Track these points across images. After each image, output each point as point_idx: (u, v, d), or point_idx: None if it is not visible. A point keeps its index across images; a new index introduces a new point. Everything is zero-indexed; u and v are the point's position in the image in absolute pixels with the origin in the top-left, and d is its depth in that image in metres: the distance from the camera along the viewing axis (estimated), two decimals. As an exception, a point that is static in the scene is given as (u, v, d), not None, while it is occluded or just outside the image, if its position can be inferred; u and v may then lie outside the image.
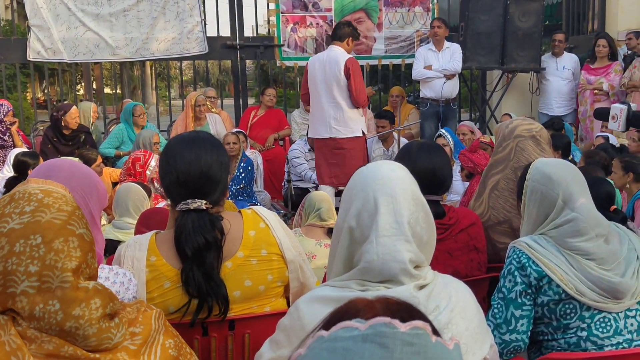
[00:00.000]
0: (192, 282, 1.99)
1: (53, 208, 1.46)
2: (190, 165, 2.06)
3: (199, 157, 2.08)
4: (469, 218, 2.71)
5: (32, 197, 1.47)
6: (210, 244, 2.01)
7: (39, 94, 20.21)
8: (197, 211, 2.03)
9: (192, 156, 2.08)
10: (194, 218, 2.02)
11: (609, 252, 2.20)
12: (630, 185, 4.54)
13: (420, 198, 1.65)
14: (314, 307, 1.56)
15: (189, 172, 2.06)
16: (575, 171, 2.32)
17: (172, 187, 2.08)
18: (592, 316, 2.17)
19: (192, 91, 8.82)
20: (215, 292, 2.01)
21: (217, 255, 2.03)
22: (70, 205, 1.50)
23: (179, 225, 2.02)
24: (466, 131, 7.07)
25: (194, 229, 2.00)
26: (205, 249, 2.00)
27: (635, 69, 7.65)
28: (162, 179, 2.13)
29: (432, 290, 1.57)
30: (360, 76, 6.17)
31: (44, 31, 8.25)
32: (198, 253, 1.99)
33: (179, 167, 2.06)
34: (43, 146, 6.98)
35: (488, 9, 8.25)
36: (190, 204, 2.03)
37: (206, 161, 2.08)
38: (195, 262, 2.00)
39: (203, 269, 2.00)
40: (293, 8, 8.85)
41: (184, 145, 2.12)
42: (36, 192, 1.48)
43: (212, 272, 2.01)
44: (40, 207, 1.45)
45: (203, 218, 2.02)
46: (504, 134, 3.11)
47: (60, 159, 2.38)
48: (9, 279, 1.39)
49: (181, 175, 2.05)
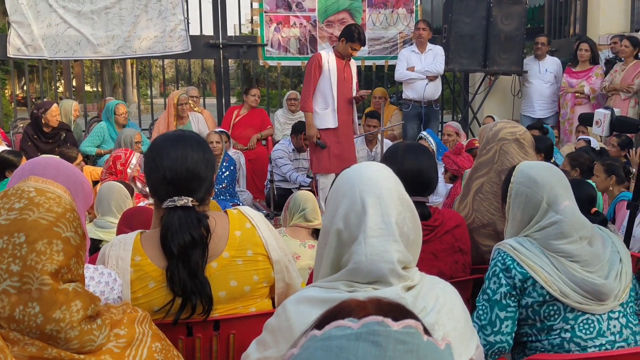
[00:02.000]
0: (177, 280, 1.98)
1: (42, 208, 1.43)
2: (177, 162, 2.05)
3: (185, 154, 2.07)
4: (454, 220, 2.72)
5: (24, 195, 1.45)
6: (197, 242, 2.00)
7: (18, 90, 19.99)
8: (183, 208, 2.02)
9: (179, 153, 2.07)
10: (180, 215, 2.01)
11: (592, 254, 2.21)
12: (613, 188, 4.59)
13: (406, 198, 1.65)
14: (301, 308, 1.56)
15: (175, 169, 2.04)
16: (559, 174, 2.33)
17: (158, 184, 2.06)
18: (575, 318, 2.19)
19: (173, 90, 8.78)
20: (200, 291, 2.00)
21: (203, 253, 2.02)
22: (62, 206, 1.48)
23: (166, 222, 2.01)
24: (451, 132, 7.11)
25: (181, 226, 1.99)
26: (191, 246, 1.99)
27: (616, 73, 7.74)
28: (148, 177, 2.11)
29: (419, 291, 1.57)
30: (306, 78, 6.38)
31: (24, 28, 8.17)
32: (184, 250, 1.98)
33: (165, 164, 2.05)
34: (23, 144, 6.91)
35: (471, 12, 8.29)
36: (177, 201, 2.01)
37: (192, 158, 2.07)
38: (181, 260, 1.99)
39: (188, 267, 1.99)
40: (276, 8, 8.84)
41: (169, 143, 2.11)
42: (29, 190, 1.46)
43: (197, 271, 2.00)
44: (29, 205, 1.43)
45: (190, 215, 2.01)
46: (487, 137, 3.13)
47: (46, 156, 2.34)
48: None
49: (168, 172, 2.04)
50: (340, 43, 6.34)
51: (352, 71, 6.48)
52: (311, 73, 6.30)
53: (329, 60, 6.29)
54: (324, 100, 6.31)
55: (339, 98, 6.29)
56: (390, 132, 8.16)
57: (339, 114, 6.29)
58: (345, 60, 6.37)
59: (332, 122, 6.31)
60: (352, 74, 6.48)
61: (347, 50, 6.27)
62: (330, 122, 6.31)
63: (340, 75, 6.31)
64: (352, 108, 6.50)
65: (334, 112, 6.29)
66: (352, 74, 6.46)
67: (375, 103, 8.43)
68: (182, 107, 7.50)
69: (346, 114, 6.40)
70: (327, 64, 6.27)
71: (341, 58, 6.34)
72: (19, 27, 8.16)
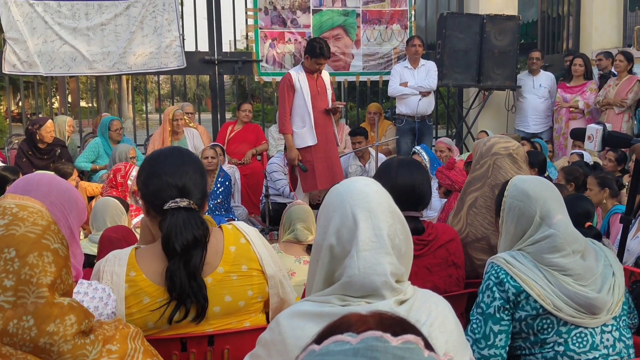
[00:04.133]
0: (178, 280, 2.00)
1: (28, 222, 1.44)
2: (177, 167, 2.11)
3: (182, 161, 2.14)
4: (447, 234, 2.73)
5: (7, 211, 1.45)
6: (199, 241, 2.03)
7: (13, 106, 20.00)
8: (186, 210, 2.05)
9: (176, 160, 2.14)
10: (184, 215, 2.04)
11: (585, 268, 2.22)
12: (606, 201, 4.61)
13: (396, 210, 1.66)
14: (294, 322, 1.56)
15: (175, 173, 2.10)
16: (552, 188, 2.34)
17: (160, 190, 2.09)
18: (569, 331, 2.19)
19: (169, 105, 8.79)
20: (196, 293, 2.02)
21: (202, 255, 2.05)
22: (46, 219, 1.49)
23: (170, 223, 2.03)
24: (444, 148, 7.12)
25: (185, 226, 2.02)
26: (193, 246, 2.02)
27: (610, 88, 7.79)
28: (146, 184, 2.12)
29: (412, 305, 1.57)
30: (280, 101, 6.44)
31: (19, 44, 8.19)
32: (187, 250, 2.01)
33: (166, 169, 2.10)
34: (18, 160, 6.90)
35: (465, 27, 8.36)
36: (180, 202, 2.05)
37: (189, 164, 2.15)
38: (182, 260, 2.01)
39: (188, 269, 2.01)
40: (271, 24, 8.89)
41: (167, 153, 2.20)
42: (11, 207, 1.47)
43: (196, 272, 2.02)
44: (14, 220, 1.43)
45: (193, 216, 2.05)
46: (481, 152, 3.14)
47: (39, 173, 2.34)
48: None
49: (169, 177, 2.09)
50: (305, 60, 6.33)
51: (325, 83, 6.44)
52: (285, 94, 6.28)
53: (299, 78, 6.27)
54: (301, 119, 6.29)
55: (315, 113, 6.27)
56: (385, 147, 8.19)
57: (317, 129, 6.26)
58: (316, 74, 6.35)
59: (311, 139, 6.29)
60: (326, 86, 6.44)
61: (314, 66, 6.25)
62: (309, 139, 6.29)
63: (314, 90, 6.29)
64: (330, 121, 6.47)
65: (311, 129, 6.26)
66: (325, 86, 6.43)
67: (370, 118, 8.46)
68: (177, 122, 7.51)
69: (325, 128, 6.38)
70: (298, 82, 6.25)
71: (311, 73, 6.33)
72: (15, 43, 8.18)
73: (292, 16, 8.90)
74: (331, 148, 6.45)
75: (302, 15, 8.93)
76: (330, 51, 6.42)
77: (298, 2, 8.90)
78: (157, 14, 8.48)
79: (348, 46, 9.07)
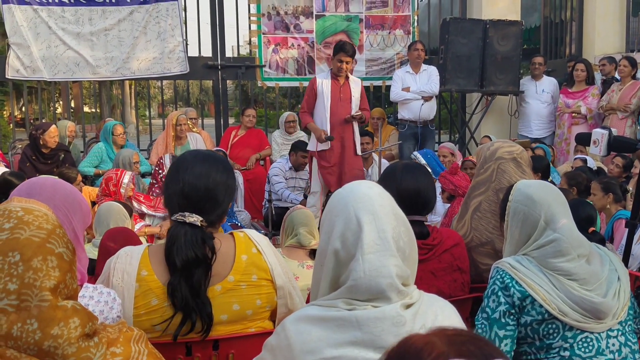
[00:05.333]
0: (179, 295, 1.98)
1: (32, 226, 1.44)
2: (198, 178, 2.06)
3: (209, 174, 2.08)
4: (452, 239, 2.72)
5: (12, 215, 1.45)
6: (200, 261, 1.99)
7: (17, 112, 20.03)
8: (191, 225, 2.02)
9: (202, 171, 2.07)
10: (187, 231, 2.01)
11: (590, 272, 2.21)
12: (610, 206, 4.60)
13: (399, 212, 1.66)
14: (300, 327, 1.56)
15: (194, 184, 2.05)
16: (556, 192, 2.34)
17: (174, 196, 2.06)
18: (574, 336, 2.18)
19: (172, 110, 8.80)
20: (200, 310, 2.00)
21: (206, 273, 2.01)
22: (51, 223, 1.48)
23: (172, 235, 2.01)
24: (446, 153, 7.12)
25: (186, 243, 1.99)
26: (194, 264, 1.98)
27: (613, 93, 7.79)
28: (167, 186, 2.10)
29: (418, 309, 1.57)
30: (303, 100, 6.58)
31: (23, 49, 8.21)
32: (187, 266, 1.98)
33: (187, 178, 2.06)
34: (22, 165, 6.91)
35: (467, 33, 8.36)
36: (187, 217, 2.02)
37: (214, 180, 2.08)
38: (184, 276, 1.98)
39: (190, 284, 1.98)
40: (275, 29, 8.91)
41: (197, 159, 2.12)
42: (17, 210, 1.46)
43: (200, 289, 1.99)
44: (19, 224, 1.43)
45: (196, 234, 2.01)
46: (485, 156, 3.14)
47: (43, 176, 2.34)
48: None
49: (186, 186, 2.05)
50: (332, 62, 6.43)
51: (351, 90, 6.40)
52: (306, 96, 6.45)
53: (323, 83, 6.32)
54: (319, 123, 6.34)
55: (333, 119, 6.29)
56: (388, 152, 8.18)
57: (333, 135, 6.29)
58: (342, 80, 6.35)
59: (325, 144, 6.32)
60: (352, 93, 6.41)
61: (336, 65, 6.28)
62: (323, 144, 6.33)
63: (335, 96, 6.30)
64: (350, 128, 6.43)
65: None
66: (351, 93, 6.40)
67: (373, 124, 8.45)
68: (181, 127, 7.52)
69: (342, 134, 6.37)
70: (321, 86, 6.30)
71: (337, 79, 6.34)
72: (19, 48, 8.20)
73: (295, 21, 8.92)
74: (347, 155, 6.43)
75: (305, 20, 8.95)
76: (354, 49, 6.40)
77: (301, 8, 8.92)
78: (160, 19, 8.50)
79: (351, 51, 9.08)
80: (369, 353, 1.49)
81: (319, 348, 1.51)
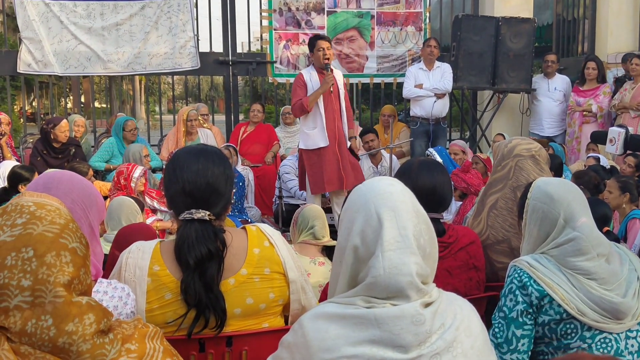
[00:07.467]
0: (192, 292, 1.97)
1: (45, 220, 1.43)
2: (197, 175, 2.05)
3: (206, 168, 2.07)
4: (468, 236, 2.70)
5: (25, 210, 1.44)
6: (213, 255, 1.99)
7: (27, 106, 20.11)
8: (200, 221, 2.01)
9: (200, 166, 2.07)
10: (197, 228, 2.00)
11: (610, 272, 2.18)
12: (625, 206, 4.56)
13: (421, 210, 1.64)
14: (318, 324, 1.54)
15: (195, 181, 2.05)
16: (576, 190, 2.31)
17: (176, 196, 2.06)
18: (593, 336, 2.15)
19: (182, 106, 8.80)
20: (214, 305, 1.99)
21: (218, 267, 2.01)
22: (64, 218, 1.47)
23: (182, 234, 2.00)
24: (458, 151, 7.09)
25: (197, 239, 1.98)
26: (207, 259, 1.98)
27: (626, 91, 7.73)
28: (167, 187, 2.11)
29: (437, 307, 1.54)
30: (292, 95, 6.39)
31: (35, 44, 8.23)
32: (200, 263, 1.97)
33: (186, 177, 2.05)
34: (32, 159, 6.92)
35: (480, 30, 8.32)
36: (194, 214, 2.01)
37: (213, 173, 2.07)
38: (197, 273, 1.98)
39: (204, 280, 1.98)
40: (286, 25, 8.89)
41: (191, 156, 2.11)
42: (29, 205, 1.45)
43: (213, 284, 1.99)
44: (32, 219, 1.42)
45: (207, 229, 2.01)
46: (503, 153, 3.11)
47: (59, 171, 2.33)
48: (2, 293, 1.36)
49: (187, 184, 2.04)
50: (312, 58, 6.29)
51: (337, 83, 6.28)
52: (297, 90, 6.20)
53: (311, 78, 6.18)
54: (313, 119, 6.19)
55: (326, 114, 6.16)
56: (399, 150, 8.15)
57: (328, 131, 6.15)
58: (327, 73, 6.16)
59: (323, 141, 6.16)
60: (339, 86, 6.30)
61: (318, 54, 6.13)
62: (321, 140, 6.16)
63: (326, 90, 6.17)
64: (341, 121, 6.29)
65: (322, 130, 6.14)
66: (338, 86, 6.28)
67: (384, 121, 8.43)
68: (192, 123, 7.52)
69: (335, 129, 6.23)
70: (309, 82, 6.16)
71: (321, 72, 6.20)
72: (30, 43, 8.22)
73: (306, 17, 8.90)
74: (342, 150, 6.37)
75: (316, 16, 8.93)
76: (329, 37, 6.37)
77: (312, 4, 8.90)
78: (172, 14, 8.50)
79: (362, 48, 9.06)
80: (387, 352, 1.47)
81: (336, 346, 1.49)
